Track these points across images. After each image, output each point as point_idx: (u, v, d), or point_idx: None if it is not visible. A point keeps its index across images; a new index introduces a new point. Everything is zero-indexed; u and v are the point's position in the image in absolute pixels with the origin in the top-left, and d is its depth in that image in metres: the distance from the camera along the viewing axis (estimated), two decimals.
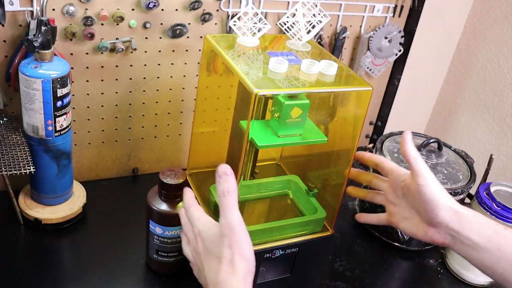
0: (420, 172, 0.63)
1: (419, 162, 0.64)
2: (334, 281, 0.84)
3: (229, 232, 0.53)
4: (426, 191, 0.62)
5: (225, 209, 0.54)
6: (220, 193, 0.54)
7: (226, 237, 0.53)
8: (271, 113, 0.67)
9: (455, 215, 0.62)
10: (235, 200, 0.54)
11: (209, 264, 0.55)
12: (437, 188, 0.63)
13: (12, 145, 0.79)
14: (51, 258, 0.80)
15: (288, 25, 0.76)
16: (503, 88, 1.19)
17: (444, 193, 0.63)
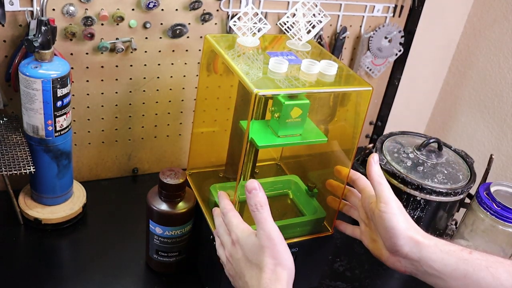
0: (383, 198, 0.63)
1: (383, 187, 0.63)
2: (334, 281, 0.84)
3: (269, 243, 0.56)
4: (386, 218, 0.62)
5: (261, 222, 0.57)
6: (253, 207, 0.57)
7: (267, 248, 0.56)
8: (271, 113, 0.67)
9: (415, 245, 0.60)
10: (268, 212, 0.57)
11: (250, 271, 0.57)
12: (398, 216, 0.62)
13: (12, 145, 0.79)
14: (51, 258, 0.80)
15: (288, 25, 0.76)
16: (503, 88, 1.19)
17: (405, 222, 0.62)
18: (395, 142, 0.96)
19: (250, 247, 0.57)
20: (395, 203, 0.63)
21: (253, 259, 0.57)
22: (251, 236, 0.58)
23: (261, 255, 0.56)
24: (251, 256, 0.57)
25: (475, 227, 0.87)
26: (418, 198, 0.86)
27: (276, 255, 0.56)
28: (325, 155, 0.80)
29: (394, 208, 0.62)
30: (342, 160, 0.75)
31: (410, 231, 0.61)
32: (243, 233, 0.59)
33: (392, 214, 0.62)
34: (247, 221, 0.76)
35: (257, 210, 0.57)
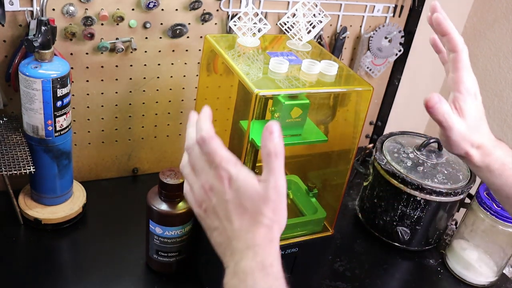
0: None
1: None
2: (334, 281, 0.84)
3: (277, 197, 0.47)
4: None
5: (276, 172, 0.47)
6: (270, 152, 0.47)
7: (272, 201, 0.47)
8: (271, 113, 0.67)
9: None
10: (283, 164, 0.48)
11: (241, 219, 0.48)
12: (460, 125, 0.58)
13: (12, 145, 0.79)
14: (51, 258, 0.80)
15: (289, 25, 0.76)
16: (503, 88, 1.19)
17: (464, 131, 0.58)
18: (395, 142, 0.96)
19: (250, 193, 0.48)
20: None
21: (250, 207, 0.48)
22: (253, 180, 0.48)
23: (263, 207, 0.47)
24: (248, 203, 0.48)
25: (475, 227, 0.87)
26: (418, 198, 0.86)
27: (278, 212, 0.48)
28: (325, 155, 0.80)
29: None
30: (342, 160, 0.75)
31: (466, 149, 0.58)
32: (241, 173, 0.49)
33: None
34: None
35: (275, 156, 0.47)
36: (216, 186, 0.49)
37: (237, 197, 0.48)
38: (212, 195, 0.50)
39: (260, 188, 0.48)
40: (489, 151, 0.59)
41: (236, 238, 0.48)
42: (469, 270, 0.88)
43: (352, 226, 0.98)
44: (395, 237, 0.91)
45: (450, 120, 0.57)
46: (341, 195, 0.75)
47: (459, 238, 0.90)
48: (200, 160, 0.52)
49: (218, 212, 0.50)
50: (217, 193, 0.49)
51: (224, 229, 0.49)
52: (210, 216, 0.51)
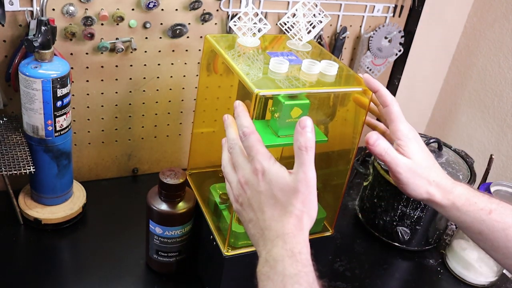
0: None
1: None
2: (334, 281, 0.84)
3: (305, 189, 0.51)
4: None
5: (305, 165, 0.50)
6: (301, 145, 0.50)
7: (301, 193, 0.50)
8: (271, 113, 0.67)
9: (432, 203, 0.63)
10: (313, 158, 0.51)
11: (272, 210, 0.51)
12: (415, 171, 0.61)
13: (12, 145, 0.79)
14: (51, 258, 0.80)
15: (289, 25, 0.76)
16: (503, 88, 1.19)
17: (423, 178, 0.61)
18: None
19: (281, 185, 0.51)
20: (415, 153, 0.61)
21: (281, 198, 0.51)
22: (284, 173, 0.52)
23: (292, 198, 0.51)
24: (279, 194, 0.51)
25: None
26: None
27: (307, 203, 0.51)
28: (325, 155, 0.80)
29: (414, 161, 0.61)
30: (342, 160, 0.75)
31: (427, 189, 0.61)
32: (274, 167, 0.52)
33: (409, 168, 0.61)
34: None
35: (305, 150, 0.50)
36: (251, 179, 0.53)
37: (269, 189, 0.51)
38: (247, 188, 0.53)
39: (290, 180, 0.51)
40: (450, 189, 0.61)
41: (267, 228, 0.51)
42: (469, 270, 0.88)
43: (352, 226, 0.98)
44: (395, 237, 0.91)
45: (393, 154, 0.60)
46: (341, 195, 0.75)
47: (459, 238, 0.90)
48: (240, 156, 0.55)
49: (253, 204, 0.53)
50: (251, 185, 0.53)
51: (257, 220, 0.53)
52: (246, 209, 0.54)
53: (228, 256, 0.69)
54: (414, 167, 0.60)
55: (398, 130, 0.62)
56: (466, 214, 0.60)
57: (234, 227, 0.69)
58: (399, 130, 0.62)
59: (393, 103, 0.63)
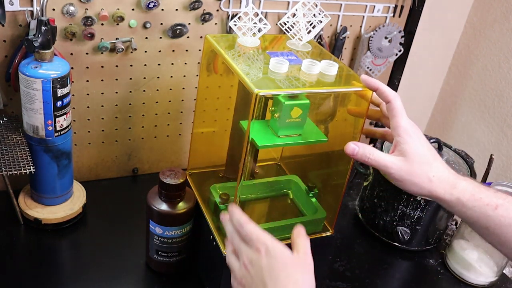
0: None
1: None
2: (334, 281, 0.84)
3: (308, 265, 0.56)
4: None
5: (302, 248, 0.57)
6: (300, 233, 0.58)
7: (303, 267, 0.55)
8: (271, 113, 0.67)
9: (436, 199, 0.62)
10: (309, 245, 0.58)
11: (274, 283, 0.54)
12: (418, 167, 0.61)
13: (12, 145, 0.79)
14: (51, 258, 0.80)
15: (289, 25, 0.76)
16: (503, 88, 1.19)
17: (425, 175, 0.61)
18: None
19: (283, 259, 0.55)
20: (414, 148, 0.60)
21: (282, 270, 0.54)
22: (286, 250, 0.56)
23: (293, 270, 0.55)
24: (280, 267, 0.55)
25: None
26: (418, 198, 0.86)
27: (307, 279, 0.55)
28: (325, 155, 0.80)
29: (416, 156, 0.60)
30: (342, 160, 0.75)
31: (427, 185, 0.60)
32: (277, 244, 0.56)
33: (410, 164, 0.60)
34: None
35: (304, 237, 0.58)
36: (254, 258, 0.56)
37: (271, 263, 0.55)
38: (251, 267, 0.56)
39: (291, 255, 0.56)
40: (453, 184, 0.60)
41: None
42: (469, 270, 0.88)
43: (352, 226, 0.98)
44: (395, 237, 0.91)
45: (378, 157, 0.60)
46: (341, 195, 0.75)
47: (459, 238, 0.90)
48: (241, 243, 0.59)
49: (256, 282, 0.56)
50: (255, 264, 0.56)
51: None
52: (250, 285, 0.57)
53: None
54: (407, 165, 0.60)
55: (399, 126, 0.61)
56: (472, 209, 0.59)
57: None
58: (399, 126, 0.61)
59: (396, 99, 0.62)
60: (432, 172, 0.60)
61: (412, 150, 0.60)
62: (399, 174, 0.60)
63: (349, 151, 0.61)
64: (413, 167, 0.60)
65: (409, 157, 0.60)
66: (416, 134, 0.61)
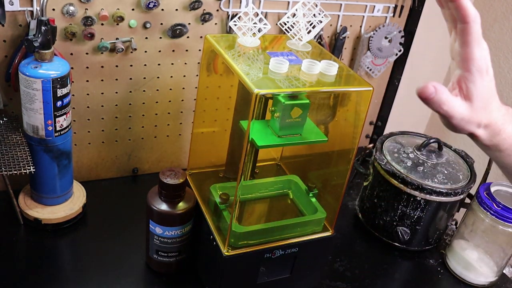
0: None
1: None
2: (334, 281, 0.84)
3: None
4: None
5: None
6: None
7: None
8: (271, 113, 0.67)
9: None
10: None
11: None
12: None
13: (12, 145, 0.79)
14: (51, 258, 0.80)
15: (289, 25, 0.76)
16: (503, 88, 1.19)
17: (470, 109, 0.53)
18: (395, 142, 0.96)
19: None
20: None
21: None
22: None
23: None
24: None
25: (475, 227, 0.87)
26: (418, 198, 0.86)
27: None
28: (325, 155, 0.80)
29: None
30: (342, 160, 0.75)
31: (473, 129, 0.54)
32: None
33: None
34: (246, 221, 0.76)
35: None
36: None
37: None
38: None
39: None
40: (498, 130, 0.53)
41: None
42: (469, 270, 0.88)
43: (352, 226, 0.98)
44: (395, 237, 0.91)
45: (450, 109, 0.52)
46: (341, 195, 0.75)
47: (459, 238, 0.90)
48: None
49: None
50: None
51: None
52: None
53: (228, 256, 0.69)
54: (469, 112, 0.52)
55: (471, 60, 0.50)
56: (508, 157, 0.55)
57: (234, 227, 0.69)
58: (472, 60, 0.50)
59: (475, 21, 0.49)
60: (484, 118, 0.53)
61: (479, 92, 0.51)
62: (457, 123, 0.53)
63: (425, 94, 0.51)
64: (473, 114, 0.52)
65: (474, 102, 0.52)
66: (488, 69, 0.51)
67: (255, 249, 0.70)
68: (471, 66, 0.50)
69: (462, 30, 0.49)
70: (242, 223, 0.73)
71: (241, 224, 0.71)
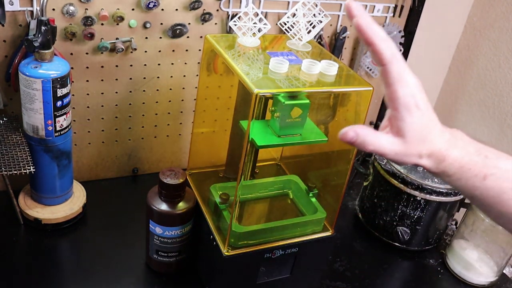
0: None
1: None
2: (334, 281, 0.84)
3: None
4: None
5: None
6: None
7: None
8: (271, 113, 0.67)
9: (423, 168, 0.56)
10: None
11: None
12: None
13: (12, 145, 0.79)
14: (51, 258, 0.80)
15: (289, 25, 0.76)
16: (503, 88, 1.19)
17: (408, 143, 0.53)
18: None
19: None
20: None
21: None
22: None
23: None
24: None
25: (475, 227, 0.87)
26: (418, 198, 0.86)
27: None
28: (325, 155, 0.80)
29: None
30: (342, 160, 0.75)
31: (415, 161, 0.53)
32: None
33: None
34: (246, 221, 0.76)
35: None
36: None
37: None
38: None
39: None
40: (443, 157, 0.53)
41: None
42: (469, 270, 0.88)
43: (352, 226, 0.98)
44: (395, 237, 0.91)
45: (378, 148, 0.52)
46: (341, 195, 0.75)
47: (459, 238, 0.90)
48: None
49: None
50: None
51: None
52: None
53: (228, 256, 0.69)
54: (403, 147, 0.52)
55: (396, 98, 0.51)
56: (458, 180, 0.54)
57: (234, 227, 0.69)
58: (397, 98, 0.51)
59: (391, 63, 0.50)
60: (424, 149, 0.53)
61: (410, 128, 0.52)
62: (394, 158, 0.53)
63: (347, 139, 0.51)
64: (409, 148, 0.52)
65: (406, 138, 0.52)
66: (417, 104, 0.52)
67: (255, 249, 0.70)
68: (397, 104, 0.51)
69: (382, 71, 0.51)
70: (242, 223, 0.73)
71: (241, 224, 0.71)
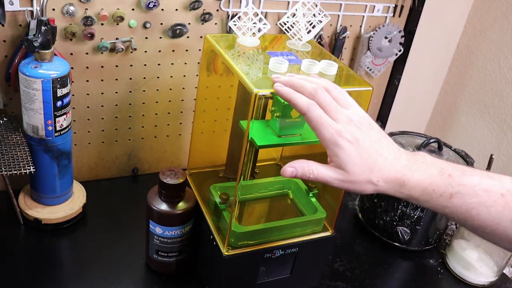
0: None
1: None
2: (334, 281, 0.84)
3: None
4: None
5: None
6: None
7: None
8: (271, 113, 0.67)
9: None
10: None
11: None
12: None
13: (12, 145, 0.79)
14: (51, 258, 0.80)
15: (288, 25, 0.76)
16: (503, 88, 1.19)
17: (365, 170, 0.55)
18: (395, 142, 0.96)
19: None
20: None
21: None
22: None
23: None
24: None
25: None
26: None
27: None
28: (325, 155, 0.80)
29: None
30: None
31: (373, 188, 0.55)
32: None
33: None
34: (246, 221, 0.76)
35: None
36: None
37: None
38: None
39: None
40: (402, 181, 0.54)
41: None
42: (469, 270, 0.88)
43: (352, 226, 0.98)
44: (395, 237, 0.91)
45: (321, 178, 0.55)
46: (341, 195, 0.75)
47: (459, 238, 0.90)
48: None
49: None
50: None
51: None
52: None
53: (228, 256, 0.69)
54: (346, 176, 0.54)
55: (323, 139, 0.55)
56: (426, 202, 0.55)
57: (234, 227, 0.69)
58: (323, 139, 0.55)
59: (309, 111, 0.55)
60: (374, 177, 0.54)
61: (345, 161, 0.54)
62: (341, 186, 0.55)
63: (288, 175, 0.56)
64: (353, 177, 0.54)
65: (346, 168, 0.54)
66: (346, 139, 0.54)
67: (255, 249, 0.70)
68: (326, 144, 0.55)
69: (306, 119, 0.56)
70: (242, 223, 0.73)
71: (241, 224, 0.71)
